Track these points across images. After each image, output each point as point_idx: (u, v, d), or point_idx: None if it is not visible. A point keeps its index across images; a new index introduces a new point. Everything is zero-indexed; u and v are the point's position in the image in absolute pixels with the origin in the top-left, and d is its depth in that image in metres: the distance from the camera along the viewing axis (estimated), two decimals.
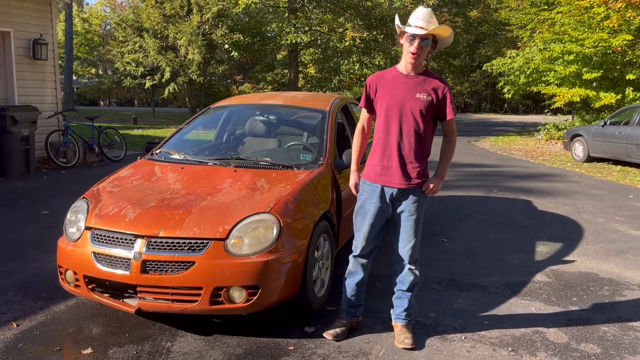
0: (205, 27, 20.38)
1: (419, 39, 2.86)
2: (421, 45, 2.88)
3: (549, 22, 16.54)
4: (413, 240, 3.09)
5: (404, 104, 2.96)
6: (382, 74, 3.10)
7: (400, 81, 3.00)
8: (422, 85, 2.97)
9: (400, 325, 3.18)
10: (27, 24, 9.22)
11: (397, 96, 2.98)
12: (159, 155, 4.21)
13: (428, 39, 2.88)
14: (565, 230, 5.80)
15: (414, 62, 2.93)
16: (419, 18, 2.88)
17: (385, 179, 3.03)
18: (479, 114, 40.36)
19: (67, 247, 3.29)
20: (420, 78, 2.98)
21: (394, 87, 3.00)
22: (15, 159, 8.36)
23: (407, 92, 2.96)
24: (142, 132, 16.81)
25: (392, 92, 3.00)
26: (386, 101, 3.01)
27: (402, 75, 3.01)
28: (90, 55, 41.66)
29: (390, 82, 3.02)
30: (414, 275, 3.17)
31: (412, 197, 3.04)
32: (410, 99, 2.95)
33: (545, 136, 17.35)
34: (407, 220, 3.07)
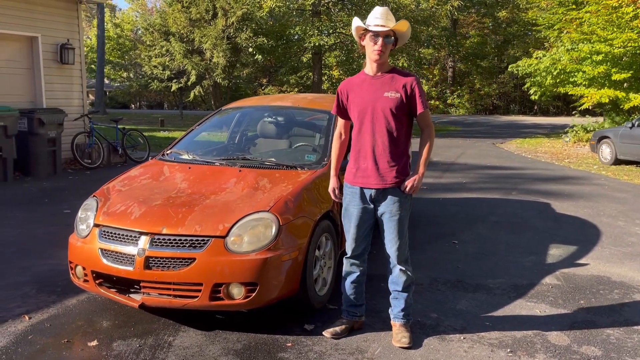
0: (230, 30, 20.65)
1: (382, 36, 2.91)
2: (384, 42, 2.92)
3: (577, 22, 16.20)
4: (398, 241, 3.08)
5: (373, 104, 2.99)
6: (351, 80, 3.15)
7: (368, 83, 3.04)
8: (389, 84, 2.99)
9: (398, 324, 3.19)
10: (55, 29, 9.53)
11: (366, 98, 3.02)
12: (170, 156, 4.33)
13: (390, 36, 2.94)
14: (581, 233, 5.70)
15: (379, 60, 2.97)
16: (378, 17, 2.94)
17: (362, 181, 3.06)
18: (507, 115, 39.76)
19: (77, 243, 3.42)
20: (387, 77, 3.02)
21: (362, 90, 3.04)
22: (42, 160, 8.66)
23: (375, 92, 3.00)
24: (168, 134, 17.13)
25: (361, 95, 3.04)
26: (357, 104, 3.05)
27: (369, 77, 3.06)
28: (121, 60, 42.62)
29: (359, 86, 3.07)
30: (406, 275, 3.16)
31: (391, 198, 3.03)
32: (380, 99, 2.98)
33: (573, 138, 16.99)
34: (389, 222, 3.06)
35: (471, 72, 43.65)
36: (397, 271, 3.15)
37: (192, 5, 21.07)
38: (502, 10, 39.50)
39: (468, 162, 11.75)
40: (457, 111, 42.15)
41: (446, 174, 9.91)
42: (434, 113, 41.97)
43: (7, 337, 3.16)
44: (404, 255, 3.13)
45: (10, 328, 3.28)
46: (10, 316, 3.45)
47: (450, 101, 42.72)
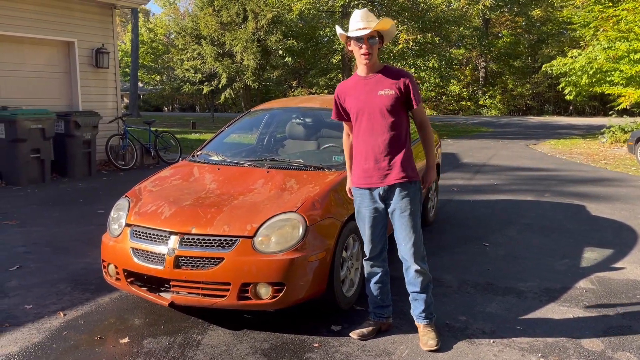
0: (260, 33, 20.83)
1: (366, 38, 2.93)
2: (370, 44, 2.94)
3: (613, 19, 15.76)
4: (412, 237, 3.02)
5: (369, 104, 3.00)
6: (345, 83, 3.18)
7: (361, 84, 3.06)
8: (382, 82, 3.00)
9: (422, 325, 3.15)
10: (90, 34, 9.81)
11: (362, 99, 3.03)
12: (199, 157, 4.40)
13: (374, 37, 2.95)
14: (617, 237, 5.53)
15: (368, 62, 3.00)
16: (358, 20, 2.96)
17: (367, 181, 3.07)
18: (541, 116, 38.92)
19: (109, 242, 3.51)
20: (378, 76, 3.03)
21: (357, 92, 3.07)
22: (78, 161, 8.91)
23: (369, 92, 3.01)
24: (199, 137, 17.40)
25: (356, 97, 3.06)
26: (353, 107, 3.07)
27: (362, 78, 3.07)
28: (154, 63, 43.52)
29: (353, 88, 3.09)
30: (423, 275, 3.09)
31: (399, 194, 3.02)
32: (374, 98, 2.99)
33: (609, 139, 16.51)
34: (400, 218, 3.04)
35: (504, 72, 42.90)
36: (413, 272, 3.08)
37: (223, 9, 21.36)
38: (536, 8, 38.68)
39: (500, 164, 11.55)
40: (489, 112, 41.48)
41: (477, 176, 9.76)
42: (465, 114, 41.46)
43: (43, 333, 3.26)
44: (419, 253, 3.07)
45: (46, 324, 3.39)
46: (46, 312, 3.56)
47: (482, 102, 42.08)
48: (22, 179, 8.05)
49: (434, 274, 4.27)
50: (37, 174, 8.27)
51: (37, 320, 3.44)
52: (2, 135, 7.96)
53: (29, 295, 3.87)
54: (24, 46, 9.06)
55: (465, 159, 12.30)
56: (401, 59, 21.79)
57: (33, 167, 8.20)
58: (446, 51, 22.52)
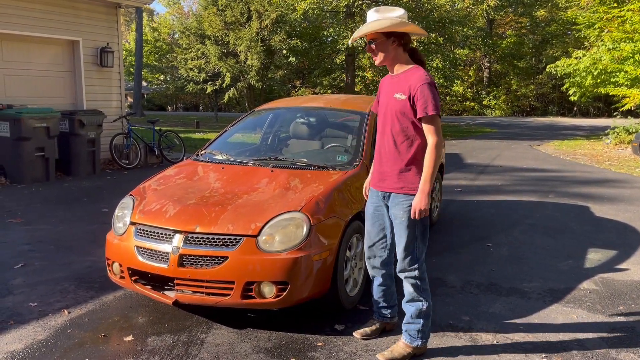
0: (264, 33, 20.86)
1: (367, 44, 2.93)
2: (370, 47, 2.90)
3: (618, 20, 15.73)
4: (400, 245, 2.91)
5: (387, 106, 2.96)
6: (383, 79, 3.13)
7: (387, 83, 3.02)
8: (399, 84, 2.89)
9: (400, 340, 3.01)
10: (95, 33, 9.84)
11: (383, 99, 3.01)
12: (204, 156, 4.40)
13: (373, 40, 2.87)
14: (621, 238, 5.52)
15: (377, 62, 2.94)
16: (359, 31, 2.89)
17: (373, 182, 3.08)
18: (545, 117, 38.82)
19: (114, 240, 3.52)
20: (400, 77, 2.91)
21: (384, 90, 3.04)
22: (82, 160, 8.94)
23: (388, 93, 2.96)
24: (203, 136, 17.42)
25: (382, 95, 3.04)
26: (381, 104, 3.04)
27: (390, 77, 3.02)
28: (158, 63, 43.57)
29: (383, 86, 3.07)
30: (410, 285, 2.94)
31: (394, 201, 2.92)
32: (391, 100, 2.93)
33: (614, 140, 16.46)
34: (394, 225, 2.96)
35: (508, 72, 42.81)
36: (403, 281, 2.98)
37: (227, 9, 21.40)
38: (540, 9, 38.57)
39: (504, 164, 11.53)
40: (493, 112, 41.40)
41: (481, 176, 9.75)
42: (469, 114, 41.37)
43: (48, 331, 3.28)
44: (405, 262, 2.92)
45: (51, 322, 3.40)
46: (50, 310, 3.57)
47: (486, 102, 42.00)
48: (27, 177, 8.08)
49: (437, 274, 4.30)
50: (42, 172, 8.30)
51: (42, 318, 3.45)
52: (7, 134, 7.99)
53: (34, 293, 3.88)
54: (29, 45, 9.09)
55: (468, 160, 12.28)
56: None
57: (37, 166, 8.23)
58: (450, 51, 22.48)
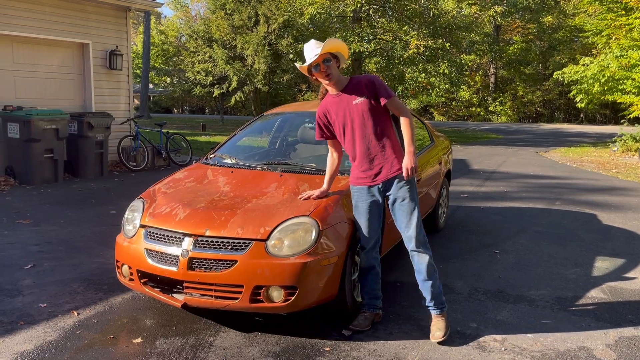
0: (271, 37, 20.93)
1: (320, 62, 3.19)
2: (325, 65, 3.21)
3: (626, 27, 15.69)
4: (412, 222, 3.24)
5: (350, 115, 3.27)
6: (324, 103, 3.41)
7: (337, 100, 3.33)
8: (353, 92, 3.28)
9: (433, 315, 3.31)
10: (104, 35, 9.91)
11: (341, 113, 3.31)
12: (213, 160, 4.43)
13: (328, 60, 3.21)
14: (630, 246, 5.50)
15: (331, 82, 3.28)
16: (309, 51, 3.23)
17: (366, 181, 3.32)
18: (552, 124, 38.71)
19: (123, 243, 3.54)
20: (348, 88, 3.30)
21: (336, 109, 3.33)
22: (90, 162, 8.99)
23: (346, 106, 3.29)
24: (209, 139, 17.48)
25: (337, 113, 3.33)
26: (338, 122, 3.34)
27: (335, 96, 3.35)
28: (165, 65, 43.77)
29: (332, 106, 3.35)
30: (425, 260, 3.25)
31: (397, 184, 3.26)
32: (352, 108, 3.27)
33: (621, 147, 16.40)
34: (400, 207, 3.27)
35: (514, 78, 42.73)
36: (416, 257, 3.28)
37: (235, 13, 21.49)
38: (548, 15, 38.53)
39: (510, 171, 11.51)
40: (499, 118, 41.33)
41: (487, 183, 9.74)
42: (475, 120, 41.31)
43: (57, 332, 3.30)
44: (420, 237, 3.25)
45: (60, 323, 3.43)
46: (60, 311, 3.60)
47: (492, 108, 41.93)
48: (35, 178, 8.14)
49: (444, 280, 4.30)
50: (50, 173, 8.36)
51: (52, 319, 3.48)
52: (17, 135, 8.05)
53: (43, 294, 3.91)
54: (39, 47, 9.17)
55: (475, 166, 12.27)
56: (412, 64, 21.82)
57: (46, 167, 8.28)
58: (457, 57, 22.48)
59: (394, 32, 22.28)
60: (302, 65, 3.28)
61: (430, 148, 5.42)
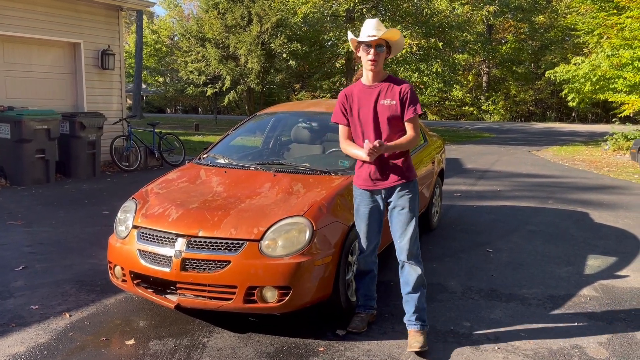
0: (264, 36, 20.90)
1: (374, 45, 3.08)
2: (377, 51, 3.10)
3: (618, 27, 15.79)
4: (408, 233, 3.17)
5: (371, 112, 3.17)
6: (351, 89, 3.31)
7: (367, 92, 3.21)
8: (385, 92, 3.17)
9: (412, 330, 3.16)
10: (96, 35, 9.86)
11: (367, 106, 3.19)
12: (206, 160, 4.41)
13: (382, 45, 3.12)
14: (621, 244, 5.54)
15: (374, 69, 3.15)
16: (370, 28, 3.11)
17: (369, 184, 3.23)
18: (544, 122, 38.90)
19: (116, 244, 3.52)
20: (383, 85, 3.19)
21: (361, 100, 3.22)
22: (82, 162, 8.94)
23: (374, 100, 3.18)
24: (202, 138, 17.43)
25: (360, 104, 3.21)
26: (357, 114, 3.22)
27: (366, 87, 3.23)
28: (158, 65, 43.60)
29: (358, 96, 3.23)
30: (416, 272, 3.19)
31: (398, 192, 3.19)
32: (378, 107, 3.16)
33: (612, 146, 16.51)
34: (398, 215, 3.20)
35: (507, 78, 42.90)
36: (407, 268, 3.21)
37: (227, 12, 21.44)
38: (540, 15, 38.70)
39: (503, 170, 11.56)
40: (491, 118, 41.49)
41: (480, 181, 9.77)
42: (468, 119, 41.44)
43: (49, 334, 3.28)
44: (413, 249, 3.18)
45: (52, 325, 3.40)
46: (52, 313, 3.58)
47: (484, 107, 42.08)
48: (27, 179, 8.08)
49: (437, 279, 4.31)
50: (42, 174, 8.30)
51: (43, 321, 3.46)
52: (8, 136, 7.99)
53: (35, 295, 3.89)
54: (31, 47, 9.10)
55: (468, 165, 12.31)
56: (405, 64, 21.86)
57: (38, 168, 8.23)
58: (450, 56, 22.55)
59: None
60: (353, 38, 3.19)
61: (423, 147, 5.43)
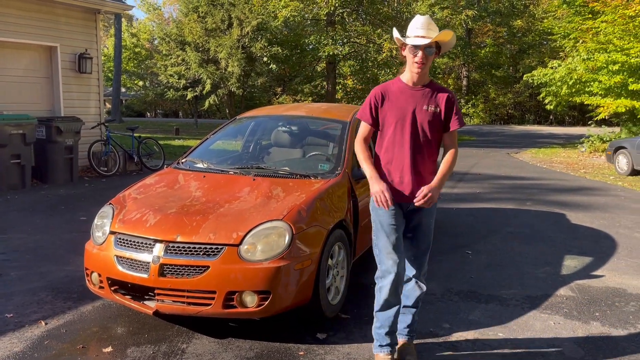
0: (245, 40, 20.85)
1: (422, 48, 2.76)
2: (426, 54, 2.78)
3: (593, 31, 16.11)
4: (426, 252, 3.02)
5: (413, 116, 2.84)
6: (388, 86, 2.96)
7: (408, 94, 2.88)
8: (429, 97, 2.87)
9: (402, 341, 3.09)
10: (73, 38, 9.72)
11: (406, 109, 2.86)
12: (185, 164, 4.38)
13: (431, 47, 2.79)
14: (597, 245, 5.64)
15: (420, 72, 2.82)
16: (419, 27, 2.79)
17: (399, 195, 2.87)
18: (523, 125, 39.47)
19: (93, 250, 3.47)
20: (426, 90, 2.88)
21: (401, 100, 2.88)
22: (59, 168, 8.79)
23: (415, 104, 2.85)
24: (183, 143, 17.29)
25: (399, 105, 2.87)
26: (394, 114, 2.88)
27: (408, 87, 2.89)
28: (138, 69, 43.18)
29: (396, 95, 2.90)
30: (420, 289, 3.06)
31: (425, 210, 2.91)
32: (419, 112, 2.85)
33: (589, 148, 16.84)
34: (418, 232, 2.96)
35: (486, 81, 43.47)
36: (413, 284, 3.05)
37: (208, 16, 21.34)
38: (518, 19, 39.31)
39: (482, 172, 11.69)
40: (471, 121, 41.95)
41: (460, 184, 9.87)
42: None
43: (24, 342, 3.21)
44: (425, 268, 3.07)
45: (27, 333, 3.34)
46: (27, 321, 3.51)
47: (464, 110, 42.50)
48: (2, 185, 7.92)
49: None
50: (17, 180, 8.15)
51: (18, 329, 3.38)
52: None
53: (10, 304, 3.81)
54: (6, 50, 8.94)
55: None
56: (386, 67, 22.00)
57: (13, 173, 8.07)
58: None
59: (368, 35, 22.43)
60: (398, 37, 2.84)
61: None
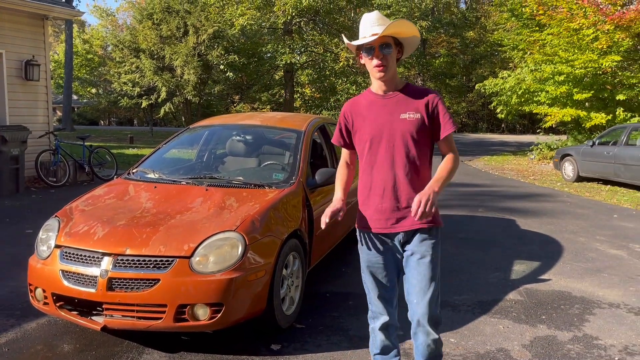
0: (201, 48, 20.67)
1: (377, 47, 2.34)
2: (383, 54, 2.34)
3: (539, 43, 16.78)
4: (429, 291, 2.40)
5: (389, 129, 2.40)
6: (356, 100, 2.55)
7: (379, 104, 2.44)
8: (405, 103, 2.41)
9: None
10: (20, 45, 9.38)
11: (379, 122, 2.41)
12: (135, 175, 4.29)
13: (389, 44, 2.35)
14: (544, 250, 5.84)
15: (385, 77, 2.38)
16: (368, 26, 2.36)
17: (384, 225, 2.44)
18: (476, 133, 40.58)
19: (37, 264, 3.35)
20: (400, 95, 2.43)
21: (372, 113, 2.44)
22: (4, 178, 8.43)
23: (389, 115, 2.41)
24: (137, 152, 16.91)
25: (372, 120, 2.43)
26: (367, 132, 2.44)
27: (379, 97, 2.45)
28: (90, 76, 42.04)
29: (367, 108, 2.46)
30: (435, 344, 2.45)
31: (419, 237, 2.41)
32: (396, 122, 2.39)
33: (537, 156, 17.46)
34: (418, 265, 2.41)
35: (440, 90, 44.48)
36: (423, 338, 2.44)
37: (163, 23, 21.05)
38: (470, 31, 40.53)
39: None
40: None
41: None
42: None
43: None
44: (434, 313, 2.42)
45: None
46: None
47: None
48: None
49: None
50: None
51: None
52: None
53: None
54: None
55: None
56: (342, 76, 22.21)
57: None
58: None
59: (325, 44, 22.63)
60: (349, 43, 2.39)
61: None
